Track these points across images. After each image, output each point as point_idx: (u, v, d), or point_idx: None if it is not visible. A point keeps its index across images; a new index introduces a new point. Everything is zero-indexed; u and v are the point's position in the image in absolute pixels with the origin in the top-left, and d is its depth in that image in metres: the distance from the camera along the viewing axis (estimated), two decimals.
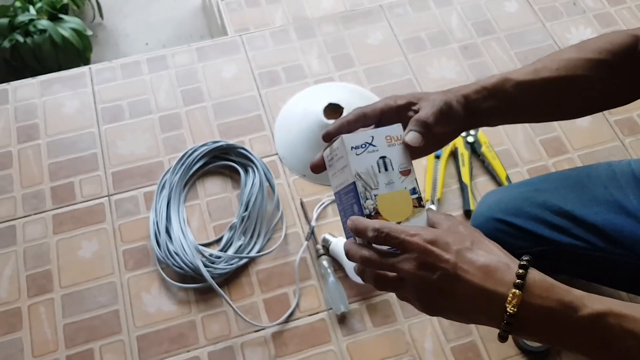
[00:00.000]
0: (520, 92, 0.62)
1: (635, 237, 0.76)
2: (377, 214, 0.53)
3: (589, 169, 0.84)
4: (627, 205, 0.77)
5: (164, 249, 1.00)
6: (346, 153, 0.53)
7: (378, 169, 0.54)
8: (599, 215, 0.78)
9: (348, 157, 0.53)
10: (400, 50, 1.30)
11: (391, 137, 0.54)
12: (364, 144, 0.54)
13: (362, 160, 0.53)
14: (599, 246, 0.77)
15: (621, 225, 0.76)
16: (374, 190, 0.53)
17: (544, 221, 0.82)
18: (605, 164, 0.83)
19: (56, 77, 1.25)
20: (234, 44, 1.30)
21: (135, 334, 0.96)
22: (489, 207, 0.87)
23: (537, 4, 1.38)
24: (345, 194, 0.55)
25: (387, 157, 0.54)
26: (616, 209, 0.77)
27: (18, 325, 0.96)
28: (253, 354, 0.94)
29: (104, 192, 1.09)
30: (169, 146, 1.15)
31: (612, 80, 0.65)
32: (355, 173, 0.53)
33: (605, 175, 0.81)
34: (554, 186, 0.84)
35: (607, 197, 0.78)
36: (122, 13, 2.16)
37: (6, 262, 1.02)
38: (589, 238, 0.78)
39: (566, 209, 0.80)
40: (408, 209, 0.54)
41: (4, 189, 1.09)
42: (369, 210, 0.52)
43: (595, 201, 0.79)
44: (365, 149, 0.53)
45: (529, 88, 0.62)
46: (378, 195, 0.53)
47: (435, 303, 0.48)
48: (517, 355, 0.94)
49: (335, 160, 0.56)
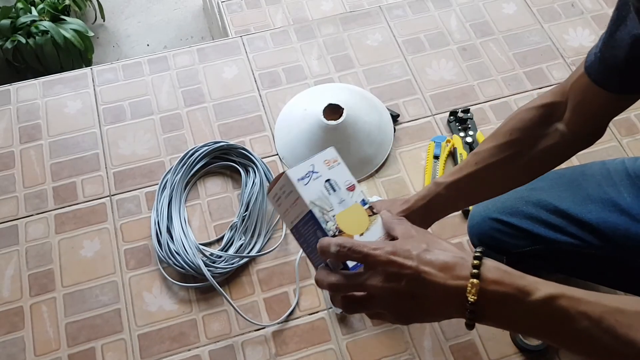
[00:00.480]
0: (451, 191, 0.72)
1: (628, 234, 0.77)
2: (340, 232, 0.55)
3: (584, 168, 0.85)
4: (621, 202, 0.78)
5: (165, 248, 1.01)
6: (294, 187, 0.55)
7: (327, 191, 0.56)
8: (593, 213, 0.79)
9: (298, 190, 0.55)
10: (399, 52, 1.30)
11: (329, 161, 0.58)
12: (308, 173, 0.56)
13: (311, 188, 0.55)
14: (593, 244, 0.78)
15: (615, 222, 0.77)
16: (331, 211, 0.56)
17: (539, 220, 0.83)
18: (599, 162, 0.84)
19: (58, 78, 1.26)
20: (235, 45, 1.31)
21: (137, 332, 0.96)
22: (486, 206, 0.88)
23: (535, 5, 1.39)
24: (303, 225, 0.57)
25: (331, 179, 0.57)
26: (610, 207, 0.78)
27: (20, 325, 0.97)
28: (253, 352, 0.95)
29: (106, 192, 1.10)
30: (170, 146, 1.16)
31: (531, 154, 0.70)
32: (309, 202, 0.55)
33: (599, 174, 0.82)
34: (548, 185, 0.85)
35: (601, 195, 0.80)
36: (124, 14, 2.17)
37: (8, 262, 1.03)
38: (583, 236, 0.79)
39: (561, 208, 0.81)
40: (365, 220, 0.57)
41: (6, 189, 1.10)
42: (332, 232, 0.55)
43: (589, 199, 0.80)
44: (310, 177, 0.56)
45: (456, 186, 0.72)
46: (336, 215, 0.56)
47: (407, 310, 0.50)
48: (516, 354, 0.95)
49: (283, 198, 0.57)
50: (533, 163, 0.71)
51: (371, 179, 1.12)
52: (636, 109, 1.22)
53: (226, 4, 1.48)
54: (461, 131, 1.17)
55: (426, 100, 1.23)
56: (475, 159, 0.72)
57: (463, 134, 1.16)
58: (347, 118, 1.09)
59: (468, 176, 0.71)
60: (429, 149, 1.15)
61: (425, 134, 1.18)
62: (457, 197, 0.73)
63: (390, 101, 1.22)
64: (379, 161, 1.14)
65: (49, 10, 1.90)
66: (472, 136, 1.16)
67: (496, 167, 0.71)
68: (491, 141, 0.71)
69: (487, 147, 0.71)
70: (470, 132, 1.16)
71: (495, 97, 1.24)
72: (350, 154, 1.11)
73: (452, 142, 1.15)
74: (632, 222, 0.77)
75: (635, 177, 0.80)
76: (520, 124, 0.70)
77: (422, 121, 1.20)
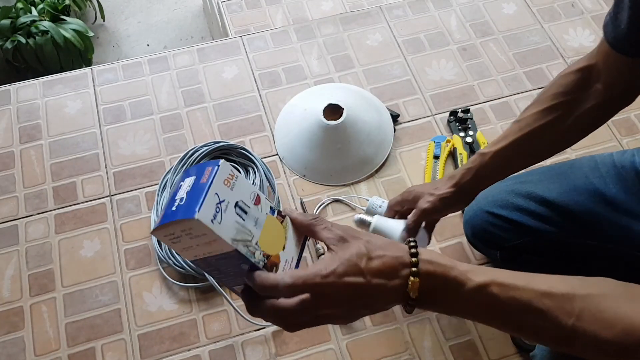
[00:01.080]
0: (497, 160, 0.74)
1: (612, 224, 0.79)
2: (268, 257, 0.51)
3: (573, 162, 0.88)
4: (607, 193, 0.80)
5: (165, 248, 1.01)
6: (210, 230, 0.46)
7: (241, 218, 0.50)
8: (579, 203, 0.81)
9: (215, 232, 0.47)
10: (399, 52, 1.30)
11: (227, 179, 0.50)
12: (217, 208, 0.48)
13: (227, 224, 0.48)
14: (577, 233, 0.80)
15: (598, 212, 0.80)
16: (253, 239, 0.51)
17: (528, 211, 0.85)
18: (589, 156, 0.86)
19: (58, 78, 1.26)
20: (235, 45, 1.31)
21: (137, 332, 0.96)
22: (478, 200, 0.89)
23: (535, 5, 1.39)
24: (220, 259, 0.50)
25: (238, 201, 0.50)
26: (595, 197, 0.80)
27: (20, 324, 0.97)
28: (253, 352, 0.95)
29: (106, 192, 1.10)
30: (170, 146, 1.16)
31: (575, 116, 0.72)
32: (231, 241, 0.48)
33: (587, 166, 0.84)
34: (538, 178, 0.87)
35: (587, 186, 0.82)
36: (124, 14, 2.17)
37: (8, 262, 1.03)
38: (567, 225, 0.81)
39: (548, 198, 0.83)
40: (281, 231, 0.54)
41: (6, 189, 1.10)
42: (262, 262, 0.51)
43: (575, 190, 0.82)
44: (220, 210, 0.48)
45: (502, 154, 0.74)
46: (258, 241, 0.51)
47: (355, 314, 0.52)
48: (515, 354, 0.95)
49: (187, 238, 0.48)
50: (577, 125, 0.73)
51: (371, 179, 1.12)
52: (636, 109, 1.22)
53: (226, 4, 1.48)
54: (461, 131, 1.17)
55: (426, 100, 1.23)
56: (519, 126, 0.73)
57: (463, 134, 1.16)
58: (347, 118, 1.09)
59: (513, 142, 0.73)
60: (429, 149, 1.15)
61: (425, 134, 1.18)
62: (504, 165, 0.76)
63: (390, 101, 1.22)
64: (379, 161, 1.14)
65: (49, 10, 1.90)
66: (472, 136, 1.16)
67: (541, 131, 0.72)
68: (534, 107, 0.73)
69: (530, 114, 0.73)
70: (470, 132, 1.16)
71: (495, 97, 1.24)
72: (350, 154, 1.11)
73: (452, 142, 1.15)
74: (615, 212, 0.79)
75: (621, 167, 0.81)
76: (561, 88, 0.72)
77: (422, 121, 1.20)
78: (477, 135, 1.16)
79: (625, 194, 0.79)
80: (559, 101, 0.72)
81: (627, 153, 0.82)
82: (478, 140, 1.15)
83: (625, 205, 0.78)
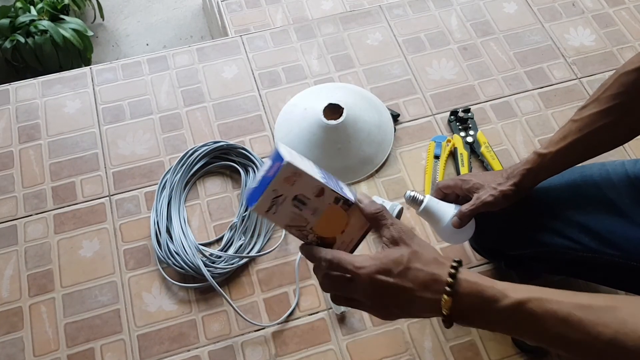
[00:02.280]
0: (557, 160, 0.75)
1: (628, 238, 0.76)
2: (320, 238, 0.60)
3: (582, 169, 0.84)
4: (621, 205, 0.77)
5: (165, 248, 1.00)
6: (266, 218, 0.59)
7: (299, 208, 0.58)
8: (592, 215, 0.79)
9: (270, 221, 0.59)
10: (399, 51, 1.30)
11: (289, 178, 0.57)
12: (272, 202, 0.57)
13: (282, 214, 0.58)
14: (591, 247, 0.77)
15: (614, 226, 0.77)
16: (308, 225, 0.59)
17: (538, 223, 0.82)
18: (599, 164, 0.83)
19: (57, 78, 1.25)
20: (235, 44, 1.31)
21: (136, 333, 0.96)
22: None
23: (536, 4, 1.39)
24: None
25: (298, 195, 0.57)
26: (609, 210, 0.78)
27: (19, 325, 0.97)
28: (253, 353, 0.94)
29: (105, 192, 1.10)
30: (170, 146, 1.15)
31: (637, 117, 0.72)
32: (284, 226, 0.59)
33: (598, 176, 0.81)
34: (546, 188, 0.84)
35: (600, 198, 0.79)
36: (123, 14, 2.16)
37: (7, 262, 1.02)
38: (581, 239, 0.78)
39: (559, 211, 0.81)
40: (342, 218, 0.60)
41: (5, 188, 1.10)
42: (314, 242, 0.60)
43: (588, 202, 0.80)
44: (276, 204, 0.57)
45: (563, 154, 0.75)
46: (313, 227, 0.59)
47: (388, 308, 0.57)
48: (516, 354, 0.94)
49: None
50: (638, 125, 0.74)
51: (371, 179, 1.12)
52: None
53: (226, 3, 1.48)
54: (462, 131, 1.17)
55: (426, 100, 1.23)
56: (579, 126, 0.73)
57: (464, 134, 1.16)
58: (347, 118, 1.09)
59: (573, 143, 0.74)
60: (430, 148, 1.14)
61: (425, 134, 1.18)
62: (563, 164, 0.77)
63: (390, 101, 1.22)
64: (379, 161, 1.13)
65: (48, 10, 1.90)
66: (473, 136, 1.16)
67: (601, 132, 0.73)
68: (593, 107, 0.73)
69: (589, 113, 0.73)
70: (471, 132, 1.16)
71: (495, 96, 1.24)
72: (350, 154, 1.10)
73: (452, 141, 1.15)
74: (631, 225, 0.76)
75: (635, 179, 0.79)
76: (622, 88, 0.71)
77: (422, 121, 1.20)
78: (477, 135, 1.16)
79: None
80: (620, 101, 0.71)
81: (639, 163, 0.81)
82: (479, 140, 1.15)
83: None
